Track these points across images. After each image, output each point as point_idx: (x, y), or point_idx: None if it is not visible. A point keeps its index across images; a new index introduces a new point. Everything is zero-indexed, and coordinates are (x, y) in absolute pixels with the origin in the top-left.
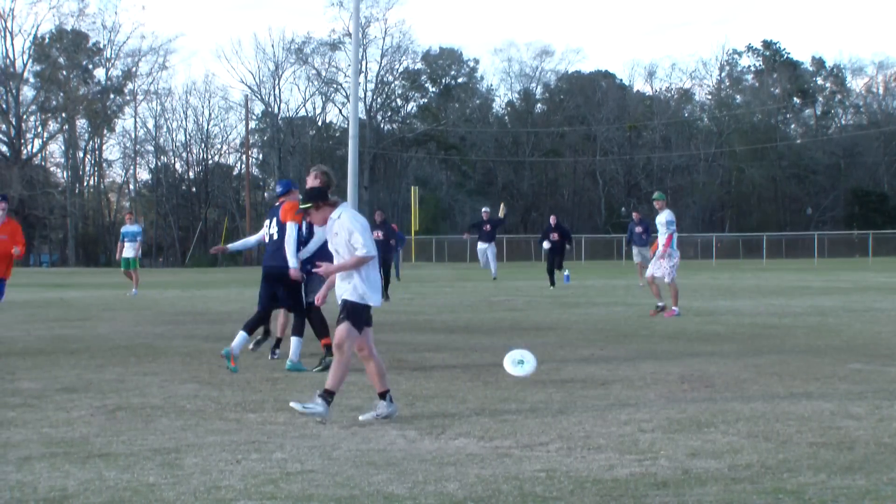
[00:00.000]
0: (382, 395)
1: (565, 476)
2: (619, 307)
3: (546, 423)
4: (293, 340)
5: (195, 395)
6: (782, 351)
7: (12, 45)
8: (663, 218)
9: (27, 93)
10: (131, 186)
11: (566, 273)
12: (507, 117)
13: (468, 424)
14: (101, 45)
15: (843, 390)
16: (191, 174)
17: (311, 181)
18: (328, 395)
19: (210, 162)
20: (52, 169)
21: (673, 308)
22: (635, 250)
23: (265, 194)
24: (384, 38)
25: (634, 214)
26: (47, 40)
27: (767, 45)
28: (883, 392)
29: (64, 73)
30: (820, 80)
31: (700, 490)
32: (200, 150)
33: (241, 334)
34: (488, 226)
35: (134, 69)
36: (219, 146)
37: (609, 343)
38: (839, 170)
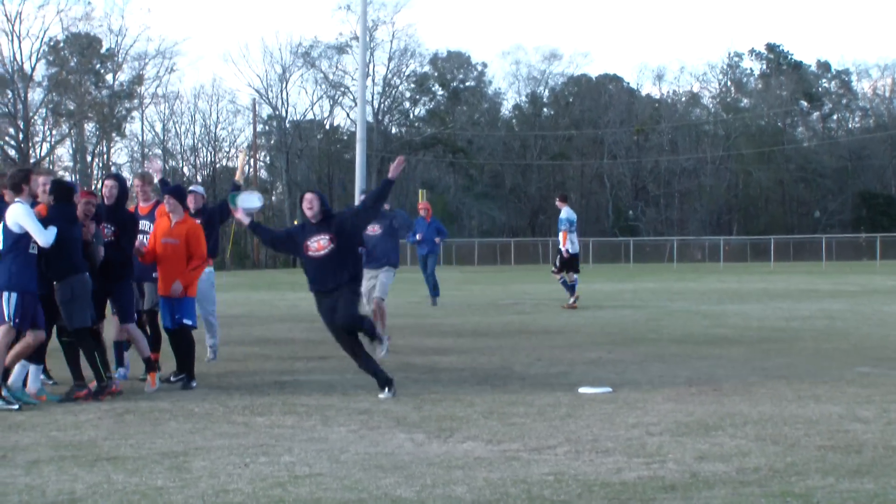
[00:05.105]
0: None
1: (573, 479)
2: (626, 310)
3: (554, 427)
4: (33, 368)
5: (203, 399)
6: (790, 354)
7: (20, 48)
8: None
9: (36, 96)
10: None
11: (575, 276)
12: (514, 120)
13: (476, 428)
14: (115, 51)
15: (851, 394)
16: (199, 177)
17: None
18: None
19: (218, 165)
20: (60, 173)
21: None
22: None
23: (273, 198)
24: (392, 42)
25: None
26: (61, 44)
27: (771, 48)
28: (891, 395)
29: (75, 76)
30: (826, 83)
31: (708, 493)
32: (208, 154)
33: (32, 367)
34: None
35: (142, 72)
36: (227, 149)
37: (617, 346)
38: (847, 173)
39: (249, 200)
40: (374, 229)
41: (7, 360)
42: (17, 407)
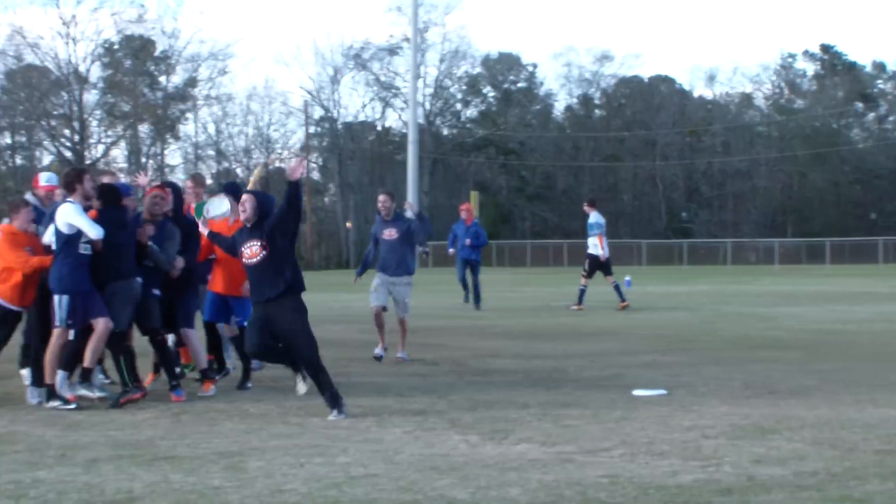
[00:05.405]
0: None
1: (629, 482)
2: (680, 312)
3: (608, 429)
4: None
5: (259, 399)
6: (847, 357)
7: (75, 50)
8: None
9: (91, 98)
10: None
11: (627, 278)
12: (566, 122)
13: (530, 430)
14: (169, 53)
15: None
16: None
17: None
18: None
19: (270, 167)
20: (115, 174)
21: None
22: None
23: (325, 199)
24: (443, 43)
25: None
26: (115, 46)
27: (825, 49)
28: None
29: (129, 78)
30: (882, 84)
31: (765, 497)
32: (261, 155)
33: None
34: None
35: (195, 74)
36: (279, 151)
37: (671, 349)
38: None
39: (217, 206)
40: (390, 234)
41: (87, 361)
42: (74, 406)
